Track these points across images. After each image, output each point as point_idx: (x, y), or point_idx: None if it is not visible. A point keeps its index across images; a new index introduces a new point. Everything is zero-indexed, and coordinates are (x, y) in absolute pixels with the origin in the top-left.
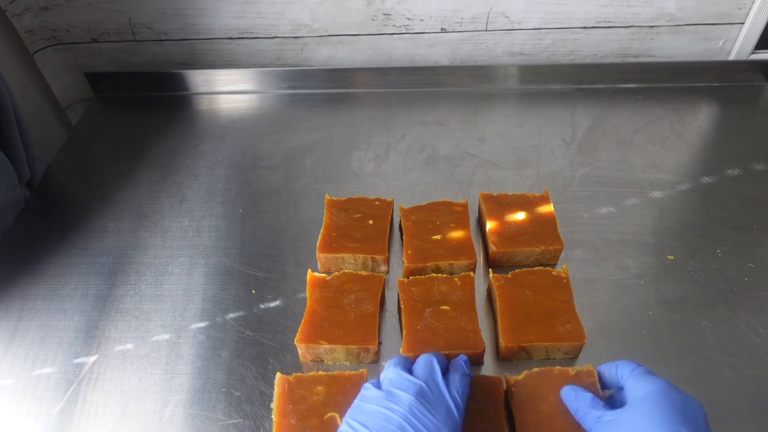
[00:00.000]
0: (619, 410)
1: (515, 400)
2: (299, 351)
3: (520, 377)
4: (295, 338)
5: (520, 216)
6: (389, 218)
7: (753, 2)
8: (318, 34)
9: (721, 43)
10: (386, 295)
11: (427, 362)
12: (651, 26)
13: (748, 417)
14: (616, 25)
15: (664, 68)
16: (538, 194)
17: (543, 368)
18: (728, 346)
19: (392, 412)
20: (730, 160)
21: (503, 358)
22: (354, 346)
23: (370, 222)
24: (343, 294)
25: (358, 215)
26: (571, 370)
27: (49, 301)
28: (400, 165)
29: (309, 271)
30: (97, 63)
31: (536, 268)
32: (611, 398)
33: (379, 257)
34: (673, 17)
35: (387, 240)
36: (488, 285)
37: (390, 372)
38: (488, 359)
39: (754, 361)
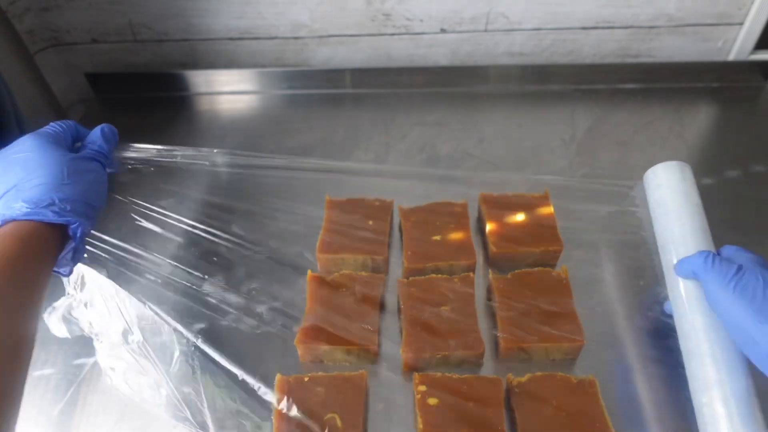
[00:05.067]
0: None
1: (518, 402)
2: (299, 352)
3: (523, 379)
4: (295, 339)
5: (519, 216)
6: (389, 219)
7: (752, 2)
8: (318, 34)
9: (720, 44)
10: (386, 295)
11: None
12: (650, 27)
13: None
14: (615, 25)
15: (664, 69)
16: (537, 195)
17: (546, 373)
18: None
19: None
20: (730, 161)
21: (503, 358)
22: (354, 347)
23: (370, 222)
24: (342, 294)
25: (358, 216)
26: (574, 378)
27: (49, 301)
28: (400, 165)
29: (309, 271)
30: (97, 63)
31: (536, 269)
32: None
33: (379, 258)
34: (673, 18)
35: (387, 240)
36: (488, 285)
37: None
38: (488, 360)
39: None
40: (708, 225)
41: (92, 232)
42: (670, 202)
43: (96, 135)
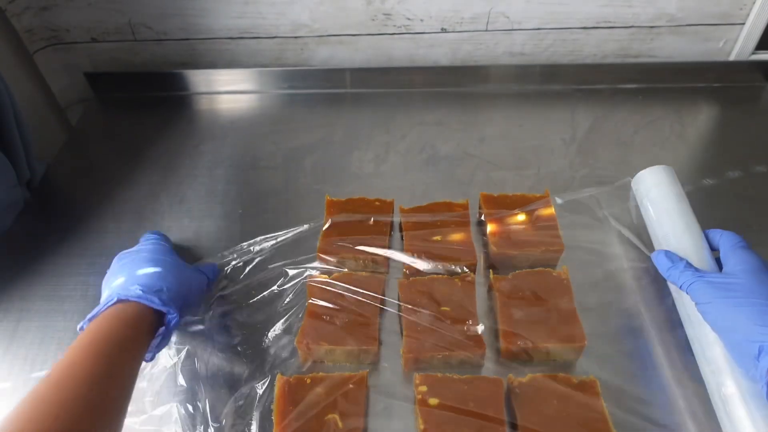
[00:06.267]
0: (721, 274)
1: (518, 402)
2: (299, 352)
3: (524, 380)
4: (295, 339)
5: (520, 217)
6: (389, 219)
7: (754, 3)
8: (318, 34)
9: (721, 44)
10: (386, 295)
11: None
12: (651, 26)
13: None
14: (616, 25)
15: (665, 68)
16: (538, 195)
17: (547, 373)
18: None
19: None
20: (731, 161)
21: (503, 359)
22: (354, 348)
23: (370, 222)
24: (343, 295)
25: (358, 216)
26: (574, 379)
27: (49, 302)
28: (400, 165)
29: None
30: (96, 63)
31: (537, 269)
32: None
33: (379, 258)
34: (674, 18)
35: (387, 240)
36: (488, 286)
37: None
38: (488, 360)
39: None
40: (694, 219)
41: None
42: (659, 203)
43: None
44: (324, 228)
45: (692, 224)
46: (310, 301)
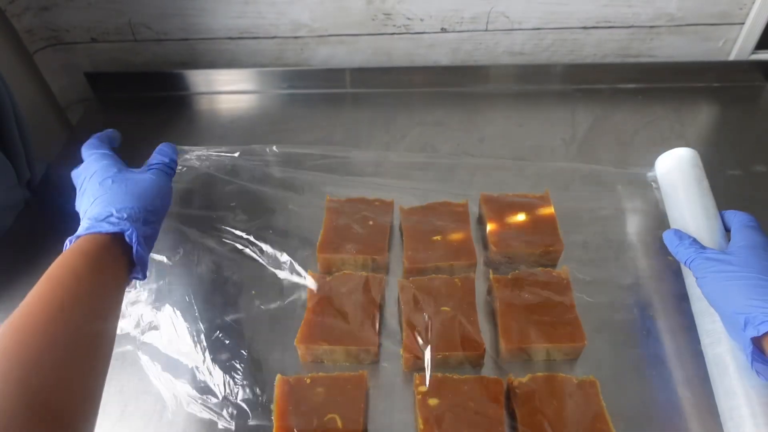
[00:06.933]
0: (721, 251)
1: (518, 403)
2: (299, 352)
3: (524, 380)
4: (295, 339)
5: (520, 217)
6: (389, 219)
7: (753, 2)
8: (318, 34)
9: (721, 43)
10: (386, 295)
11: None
12: (651, 26)
13: None
14: (616, 25)
15: (664, 68)
16: (538, 195)
17: (547, 373)
18: None
19: None
20: (731, 161)
21: (503, 359)
22: (354, 348)
23: (370, 222)
24: (343, 295)
25: (358, 216)
26: (575, 379)
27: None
28: (400, 165)
29: (309, 271)
30: (97, 63)
31: (536, 269)
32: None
33: (379, 258)
34: (674, 17)
35: (387, 241)
36: (488, 286)
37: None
38: (488, 360)
39: None
40: (712, 203)
41: None
42: (677, 186)
43: (157, 152)
44: (324, 228)
45: (709, 207)
46: (310, 300)
